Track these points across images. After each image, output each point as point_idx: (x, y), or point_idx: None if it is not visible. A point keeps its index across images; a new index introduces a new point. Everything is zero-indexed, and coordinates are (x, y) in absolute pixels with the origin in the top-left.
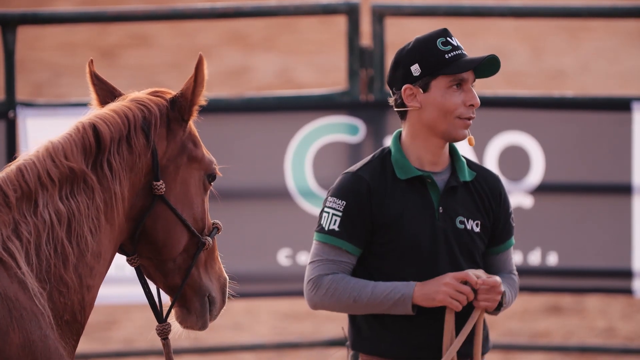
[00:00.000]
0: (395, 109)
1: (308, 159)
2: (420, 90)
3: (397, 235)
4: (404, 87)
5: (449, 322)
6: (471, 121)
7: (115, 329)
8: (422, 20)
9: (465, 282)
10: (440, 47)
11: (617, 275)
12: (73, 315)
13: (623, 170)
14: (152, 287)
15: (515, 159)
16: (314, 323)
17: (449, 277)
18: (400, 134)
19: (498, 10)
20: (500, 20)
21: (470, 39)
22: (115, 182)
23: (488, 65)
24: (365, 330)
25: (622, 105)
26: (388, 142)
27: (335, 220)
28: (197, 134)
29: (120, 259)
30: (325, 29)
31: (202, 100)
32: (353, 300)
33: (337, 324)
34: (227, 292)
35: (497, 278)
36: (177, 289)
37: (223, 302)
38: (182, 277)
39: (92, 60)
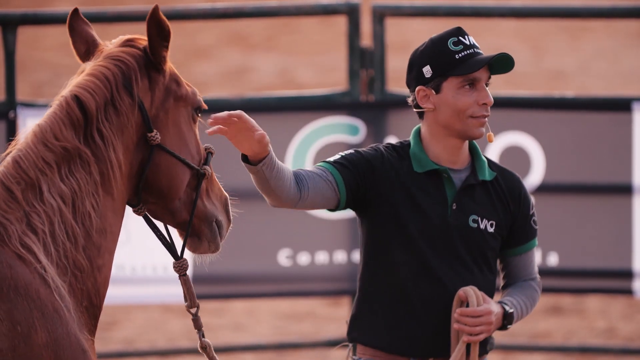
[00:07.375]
0: (414, 110)
1: (308, 160)
2: (433, 91)
3: (396, 217)
4: (417, 89)
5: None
6: (486, 119)
7: (115, 329)
8: (422, 20)
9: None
10: (451, 47)
11: (617, 275)
12: (89, 299)
13: (623, 171)
14: (161, 226)
15: (516, 160)
16: (314, 323)
17: None
18: (419, 129)
19: (498, 11)
20: (500, 21)
21: None
22: (109, 149)
23: (501, 63)
24: (364, 322)
25: (622, 105)
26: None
27: (335, 159)
28: (176, 71)
29: (119, 260)
30: (325, 30)
31: (165, 47)
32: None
33: (337, 325)
34: (230, 210)
35: (487, 306)
36: (187, 223)
37: (229, 221)
38: (189, 211)
39: (76, 9)
